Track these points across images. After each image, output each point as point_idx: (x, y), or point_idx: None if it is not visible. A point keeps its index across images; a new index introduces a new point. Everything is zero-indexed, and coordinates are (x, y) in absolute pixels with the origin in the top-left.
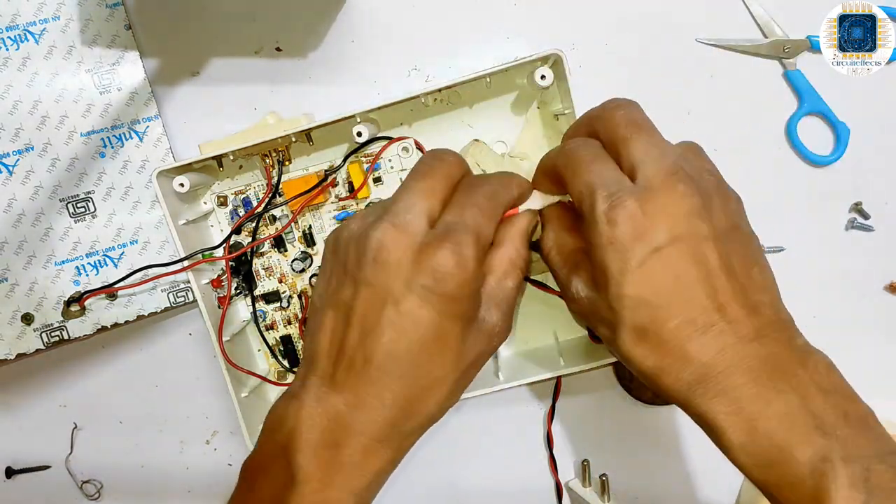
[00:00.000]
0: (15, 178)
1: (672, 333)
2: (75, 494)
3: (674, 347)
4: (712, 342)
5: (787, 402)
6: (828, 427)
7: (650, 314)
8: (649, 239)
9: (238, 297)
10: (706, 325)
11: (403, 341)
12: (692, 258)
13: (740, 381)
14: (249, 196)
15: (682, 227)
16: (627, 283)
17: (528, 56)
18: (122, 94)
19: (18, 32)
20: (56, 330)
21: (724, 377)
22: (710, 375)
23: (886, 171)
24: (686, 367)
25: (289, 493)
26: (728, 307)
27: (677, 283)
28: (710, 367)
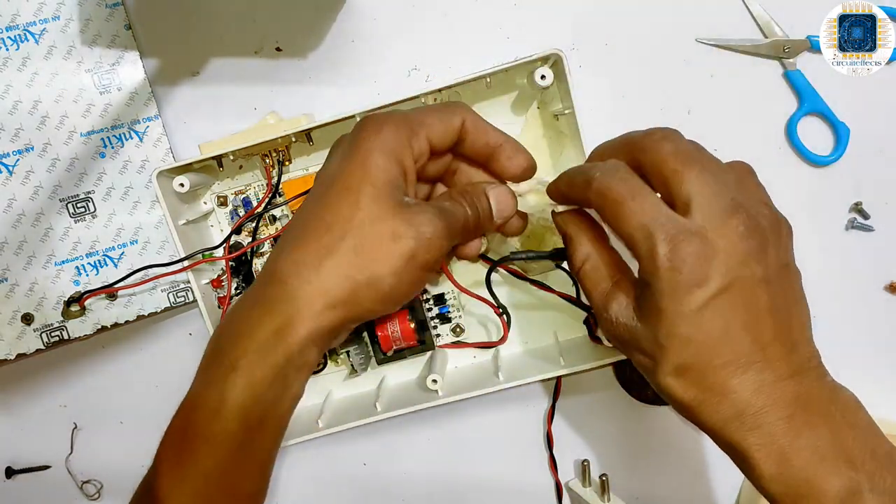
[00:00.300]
0: (15, 178)
1: (715, 372)
2: (75, 494)
3: (714, 384)
4: (751, 380)
5: (818, 437)
6: (857, 461)
7: (696, 353)
8: (709, 286)
9: (238, 298)
10: (748, 364)
11: (314, 189)
12: (745, 303)
13: (775, 417)
14: (249, 196)
15: (740, 271)
16: (681, 324)
17: (528, 56)
18: (122, 94)
19: (18, 32)
20: (56, 330)
21: (760, 414)
22: (747, 412)
23: (886, 171)
24: (724, 402)
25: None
26: (770, 347)
27: (728, 328)
28: (749, 405)
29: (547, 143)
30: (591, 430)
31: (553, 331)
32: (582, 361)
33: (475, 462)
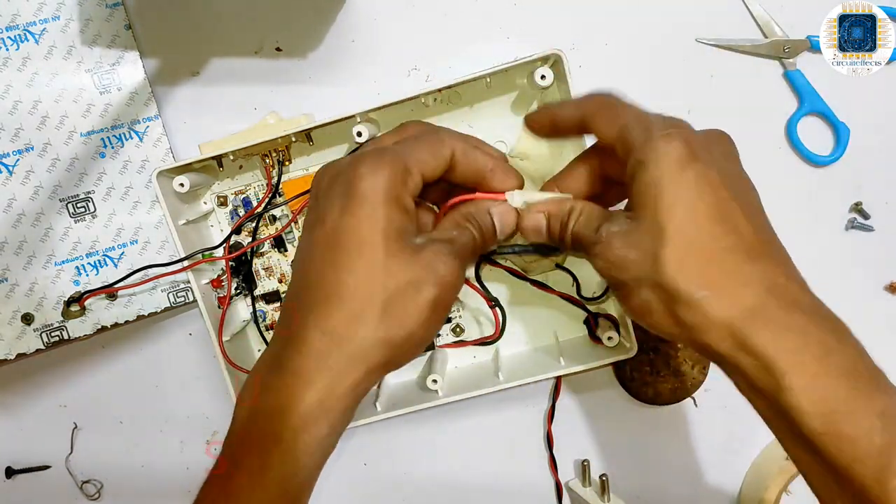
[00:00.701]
0: (15, 178)
1: (726, 252)
2: (75, 494)
3: (729, 267)
4: (766, 272)
5: (849, 354)
6: (884, 387)
7: (702, 228)
8: (705, 158)
9: (238, 297)
10: (759, 254)
11: (320, 245)
12: (741, 189)
13: (804, 320)
14: (249, 196)
15: (733, 161)
16: (681, 193)
17: (528, 56)
18: (122, 94)
19: (18, 32)
20: (56, 330)
21: (785, 312)
22: (770, 306)
23: (886, 171)
24: (745, 288)
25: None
26: (772, 244)
27: (729, 205)
28: (772, 296)
29: (546, 143)
30: (591, 430)
31: (553, 331)
32: (582, 361)
33: (475, 462)
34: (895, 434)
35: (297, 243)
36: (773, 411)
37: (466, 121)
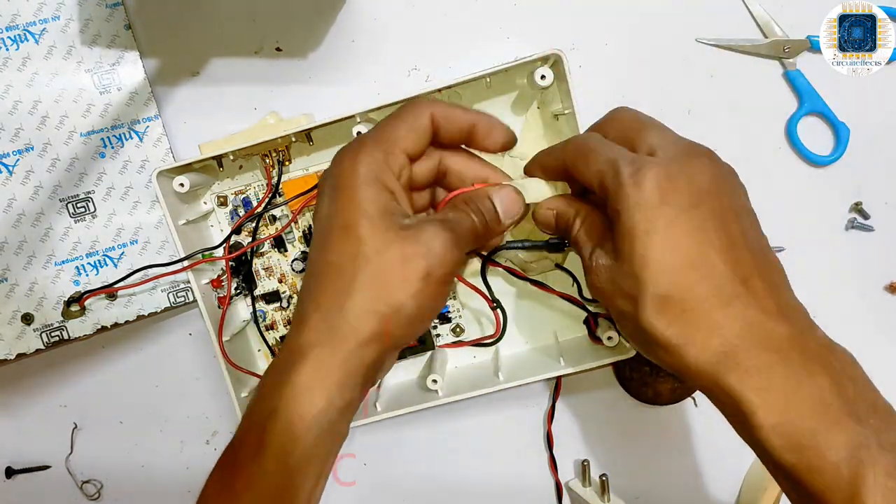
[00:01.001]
0: (15, 178)
1: (698, 301)
2: (75, 494)
3: (700, 316)
4: (738, 314)
5: (819, 386)
6: (861, 414)
7: (675, 279)
8: (675, 201)
9: (238, 297)
10: (731, 296)
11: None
12: (717, 228)
13: (772, 359)
14: (249, 196)
15: (706, 193)
16: (653, 244)
17: (527, 56)
18: (122, 94)
19: (18, 32)
20: (56, 330)
21: (754, 353)
22: (740, 349)
23: (886, 171)
24: (712, 338)
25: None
26: (751, 280)
27: (702, 249)
28: (741, 340)
29: (547, 142)
30: (591, 430)
31: (553, 331)
32: (582, 361)
33: (475, 462)
34: (861, 464)
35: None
36: (751, 442)
37: None
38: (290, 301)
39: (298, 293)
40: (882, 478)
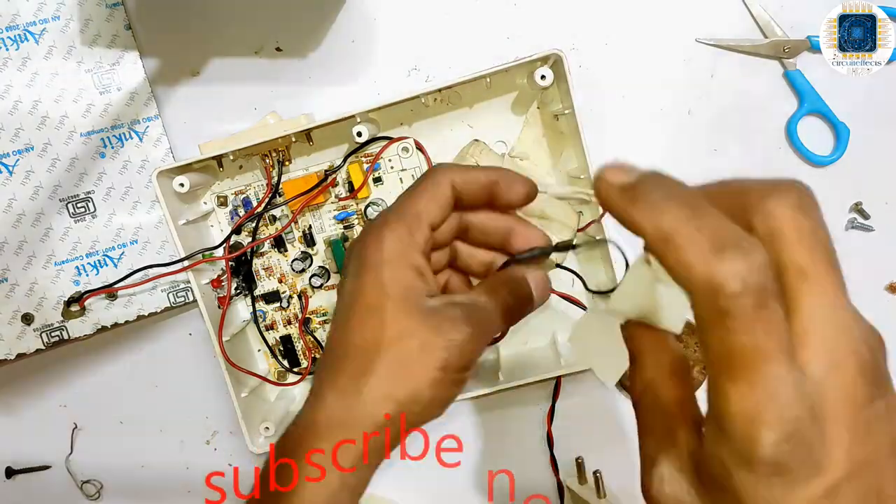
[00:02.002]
0: (15, 178)
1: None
2: (75, 494)
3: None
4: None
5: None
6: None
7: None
8: (828, 473)
9: (238, 298)
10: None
11: (338, 312)
12: (868, 491)
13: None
14: (249, 196)
15: (872, 457)
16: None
17: (528, 56)
18: (122, 94)
19: (18, 32)
20: (56, 330)
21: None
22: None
23: (886, 171)
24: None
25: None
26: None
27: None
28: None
29: (547, 142)
30: (591, 430)
31: (553, 331)
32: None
33: (476, 462)
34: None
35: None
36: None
37: (466, 121)
38: (289, 301)
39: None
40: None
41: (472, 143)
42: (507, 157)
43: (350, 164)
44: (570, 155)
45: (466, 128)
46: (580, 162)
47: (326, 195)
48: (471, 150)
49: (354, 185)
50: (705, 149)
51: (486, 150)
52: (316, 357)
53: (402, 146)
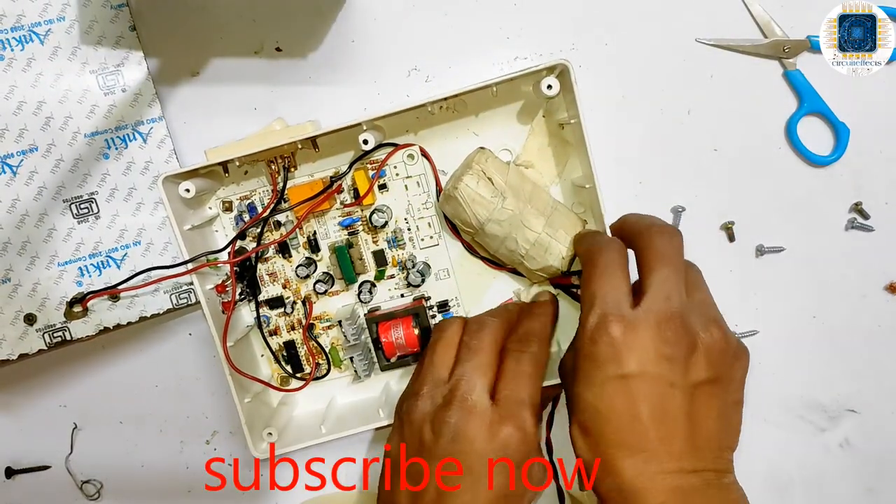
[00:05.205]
0: (19, 178)
1: (608, 446)
2: (75, 494)
3: (604, 458)
4: (635, 466)
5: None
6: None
7: (595, 421)
8: (620, 365)
9: (242, 303)
10: (636, 451)
11: (480, 499)
12: (648, 396)
13: (650, 501)
14: (255, 202)
15: (653, 367)
16: (587, 391)
17: (534, 66)
18: (127, 95)
19: (23, 33)
20: (58, 331)
21: (638, 495)
22: (626, 490)
23: (886, 171)
24: (608, 477)
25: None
26: (664, 443)
27: (627, 411)
28: (628, 486)
29: (552, 151)
30: None
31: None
32: None
33: None
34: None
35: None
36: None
37: (472, 129)
38: (293, 307)
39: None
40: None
41: (478, 150)
42: (513, 164)
43: (355, 171)
44: (575, 164)
45: (472, 136)
46: (585, 171)
47: (332, 201)
48: (476, 157)
49: (360, 192)
50: (705, 149)
51: (491, 157)
52: (319, 363)
53: (408, 153)
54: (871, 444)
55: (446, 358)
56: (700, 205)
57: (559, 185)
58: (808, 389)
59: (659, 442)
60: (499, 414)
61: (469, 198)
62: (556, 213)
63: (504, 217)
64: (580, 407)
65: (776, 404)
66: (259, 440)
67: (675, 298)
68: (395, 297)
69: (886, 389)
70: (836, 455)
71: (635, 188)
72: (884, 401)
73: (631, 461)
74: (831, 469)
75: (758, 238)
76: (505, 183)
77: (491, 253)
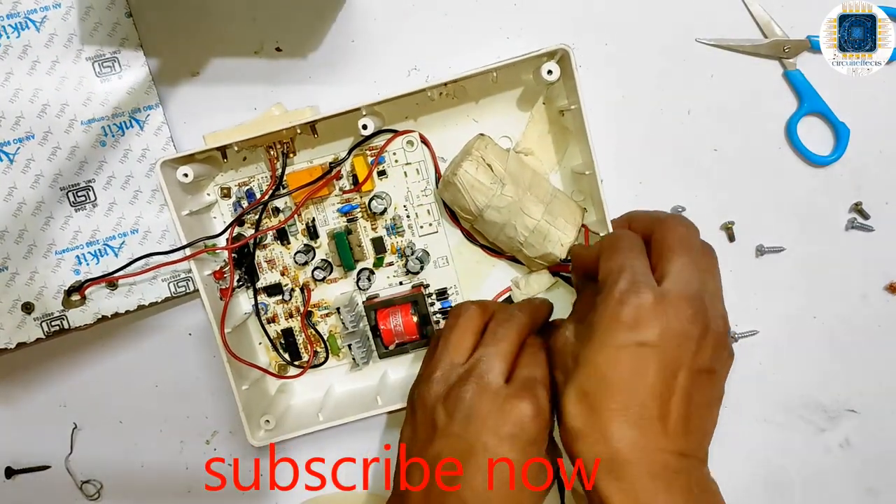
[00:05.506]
0: (15, 166)
1: (608, 410)
2: (75, 494)
3: (601, 421)
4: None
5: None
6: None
7: (600, 384)
8: (642, 331)
9: (240, 290)
10: (637, 420)
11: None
12: (663, 369)
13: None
14: (253, 188)
15: (673, 341)
16: (599, 354)
17: (534, 51)
18: (123, 82)
19: (19, 20)
20: (56, 319)
21: (629, 465)
22: (617, 459)
23: (886, 171)
24: (601, 442)
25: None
26: (664, 420)
27: (637, 379)
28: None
29: (552, 139)
30: None
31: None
32: None
33: None
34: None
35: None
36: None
37: (472, 116)
38: (291, 294)
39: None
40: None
41: (478, 137)
42: (513, 151)
43: (355, 157)
44: (575, 151)
45: (472, 122)
46: (585, 158)
47: (330, 188)
48: (476, 144)
49: (359, 178)
50: (705, 149)
51: (491, 144)
52: (318, 350)
53: (407, 140)
54: (871, 444)
55: (463, 342)
56: (700, 205)
57: (559, 172)
58: (808, 389)
59: (658, 418)
60: (514, 389)
61: (468, 184)
62: (555, 200)
63: (503, 204)
64: (586, 372)
65: (776, 404)
66: (256, 428)
67: (695, 283)
68: (393, 285)
69: (886, 389)
70: (836, 455)
71: (635, 188)
72: (884, 401)
73: (629, 431)
74: (831, 469)
75: (758, 238)
76: (504, 170)
77: (490, 240)
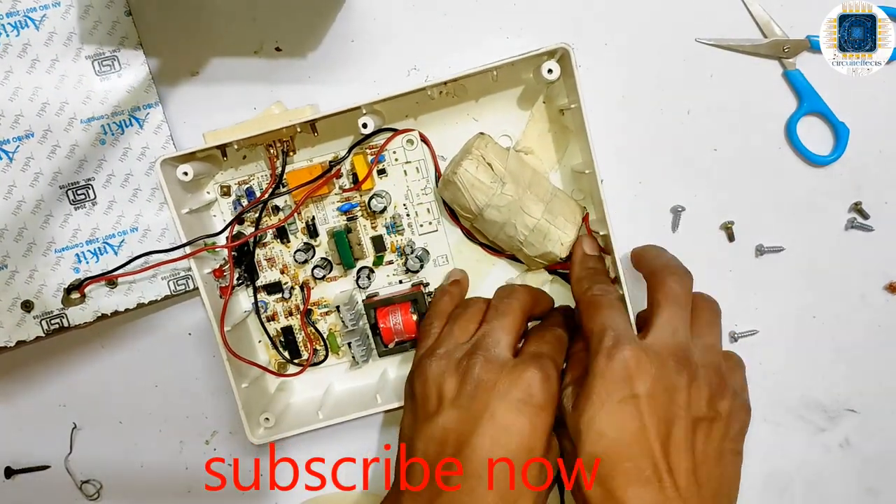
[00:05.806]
0: (15, 164)
1: (621, 474)
2: (75, 494)
3: (615, 489)
4: (645, 498)
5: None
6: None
7: (608, 447)
8: (631, 385)
9: (239, 288)
10: (648, 480)
11: (500, 449)
12: (658, 421)
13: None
14: (253, 186)
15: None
16: (600, 412)
17: (535, 49)
18: (123, 81)
19: (19, 18)
20: (56, 317)
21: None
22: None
23: (886, 171)
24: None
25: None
26: (673, 474)
27: (642, 433)
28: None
29: (552, 137)
30: None
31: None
32: None
33: None
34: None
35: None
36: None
37: (472, 114)
38: (291, 292)
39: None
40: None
41: (478, 136)
42: (513, 150)
43: (355, 156)
44: (575, 150)
45: (472, 121)
46: (585, 157)
47: (330, 186)
48: (476, 143)
49: (359, 177)
50: (705, 149)
51: (491, 143)
52: (317, 349)
53: (407, 138)
54: (871, 444)
55: (467, 326)
56: (700, 204)
57: (559, 171)
58: (808, 389)
59: (667, 473)
60: (522, 360)
61: (468, 183)
62: (555, 199)
63: (503, 203)
64: (591, 437)
65: (776, 404)
66: (256, 426)
67: (680, 334)
68: (393, 283)
69: (886, 389)
70: (836, 455)
71: (635, 188)
72: (884, 401)
73: (642, 492)
74: (831, 469)
75: (757, 238)
76: (504, 169)
77: (490, 239)
